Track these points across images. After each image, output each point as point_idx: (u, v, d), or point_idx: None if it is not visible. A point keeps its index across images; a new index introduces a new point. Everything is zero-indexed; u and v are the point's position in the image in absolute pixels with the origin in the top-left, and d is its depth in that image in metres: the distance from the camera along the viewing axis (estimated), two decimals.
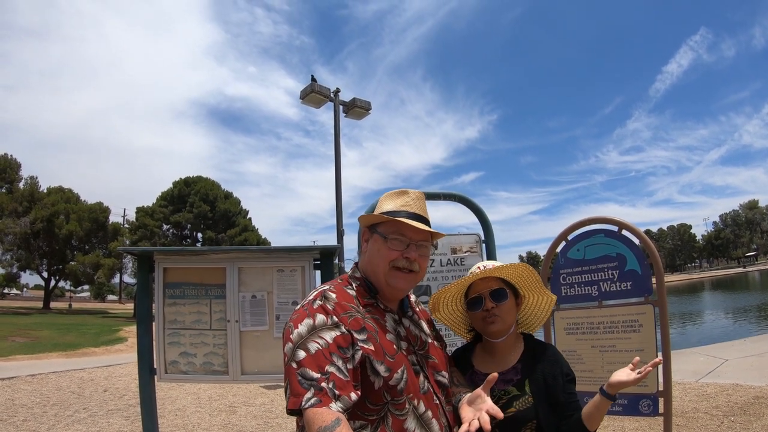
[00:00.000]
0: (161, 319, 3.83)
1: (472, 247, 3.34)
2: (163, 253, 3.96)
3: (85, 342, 18.20)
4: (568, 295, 3.39)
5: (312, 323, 1.31)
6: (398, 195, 1.58)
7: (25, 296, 78.36)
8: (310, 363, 1.24)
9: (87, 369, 11.60)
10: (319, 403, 1.19)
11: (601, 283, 3.26)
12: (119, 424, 6.45)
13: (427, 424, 1.40)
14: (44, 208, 43.67)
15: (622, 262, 3.20)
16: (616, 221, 3.26)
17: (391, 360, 1.37)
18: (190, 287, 3.88)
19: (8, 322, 25.80)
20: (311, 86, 12.10)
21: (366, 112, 13.25)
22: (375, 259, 1.53)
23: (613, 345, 3.17)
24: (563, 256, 3.44)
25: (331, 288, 1.45)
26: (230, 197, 45.06)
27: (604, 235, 3.29)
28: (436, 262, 3.24)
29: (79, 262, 45.82)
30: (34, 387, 9.03)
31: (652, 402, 3.02)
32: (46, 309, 45.08)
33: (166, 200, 43.10)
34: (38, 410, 7.23)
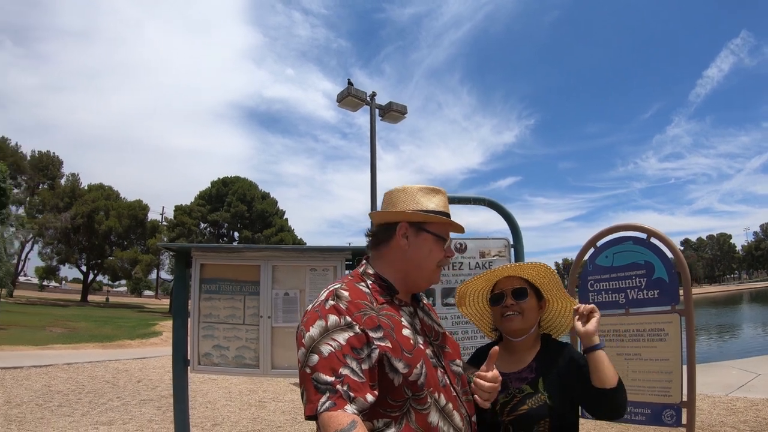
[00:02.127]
0: (197, 312, 3.98)
1: (500, 251, 3.37)
2: (200, 250, 4.11)
3: (121, 334, 18.71)
4: (596, 302, 3.37)
5: (324, 325, 1.28)
6: (435, 193, 1.55)
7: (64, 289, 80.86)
8: (324, 366, 1.22)
9: (122, 360, 11.96)
10: (334, 407, 1.17)
11: (628, 291, 3.26)
12: (150, 413, 6.67)
13: (449, 416, 1.40)
14: (85, 204, 45.11)
15: (650, 269, 3.19)
16: (644, 228, 3.25)
17: (409, 356, 1.35)
18: (226, 283, 4.02)
19: (47, 313, 26.76)
20: (348, 90, 12.28)
21: (402, 115, 13.34)
22: (425, 259, 1.50)
23: (638, 353, 3.15)
24: (592, 263, 3.45)
25: (343, 286, 1.40)
26: (267, 198, 45.76)
27: (633, 242, 3.28)
28: (464, 265, 3.29)
29: (117, 258, 47.20)
30: (70, 375, 9.38)
31: (676, 413, 2.99)
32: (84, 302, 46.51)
33: (204, 199, 44.05)
34: (73, 397, 7.53)
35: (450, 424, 1.39)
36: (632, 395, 3.09)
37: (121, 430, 5.75)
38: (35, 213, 44.63)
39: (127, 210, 47.39)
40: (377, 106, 12.90)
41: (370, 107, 12.75)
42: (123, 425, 5.97)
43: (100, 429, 5.75)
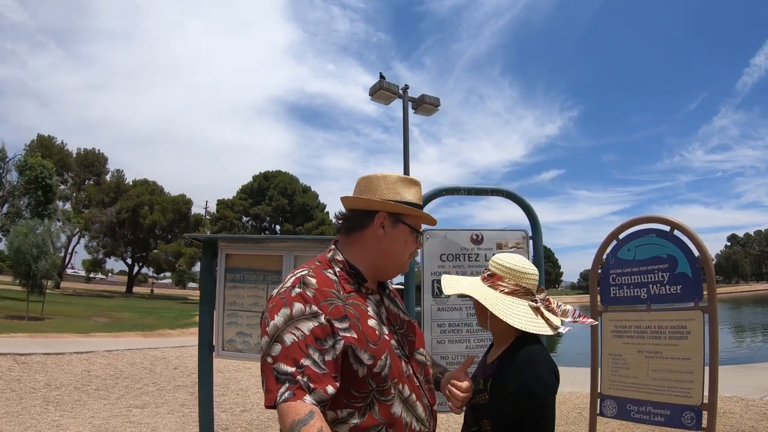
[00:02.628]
0: (221, 300, 4.10)
1: (518, 242, 3.33)
2: (226, 241, 4.23)
3: (163, 324, 19.25)
4: (617, 297, 3.32)
5: (289, 313, 1.26)
6: (412, 184, 1.54)
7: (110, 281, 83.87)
8: (286, 357, 1.21)
9: (161, 348, 12.30)
10: (293, 397, 1.17)
11: (650, 286, 3.17)
12: (183, 398, 6.90)
13: (412, 406, 1.41)
14: (129, 199, 46.61)
15: (672, 264, 3.09)
16: (668, 220, 3.15)
17: (374, 347, 1.33)
18: (250, 272, 4.13)
19: (93, 304, 27.83)
20: (380, 83, 12.33)
21: (435, 108, 13.29)
22: (400, 249, 1.51)
23: (659, 351, 3.06)
24: (613, 256, 3.37)
25: (310, 273, 1.37)
26: (308, 191, 46.35)
27: (656, 235, 3.19)
28: (480, 256, 3.26)
29: (161, 250, 48.65)
30: (110, 361, 9.75)
31: (696, 415, 2.87)
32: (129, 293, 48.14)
33: (246, 193, 44.97)
34: (111, 382, 7.84)
35: (413, 415, 1.40)
36: (652, 395, 3.05)
37: (154, 413, 5.97)
38: (81, 208, 46.44)
39: (171, 204, 48.77)
40: (410, 99, 12.88)
41: (403, 100, 12.74)
42: (156, 408, 6.20)
43: (133, 411, 5.98)
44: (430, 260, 3.23)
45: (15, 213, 25.67)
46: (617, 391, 3.22)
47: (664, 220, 3.18)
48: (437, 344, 3.14)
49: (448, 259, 3.24)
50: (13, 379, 7.43)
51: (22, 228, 17.03)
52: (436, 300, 3.19)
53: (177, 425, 5.47)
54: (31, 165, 25.84)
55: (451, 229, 3.29)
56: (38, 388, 6.93)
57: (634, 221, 3.32)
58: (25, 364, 8.57)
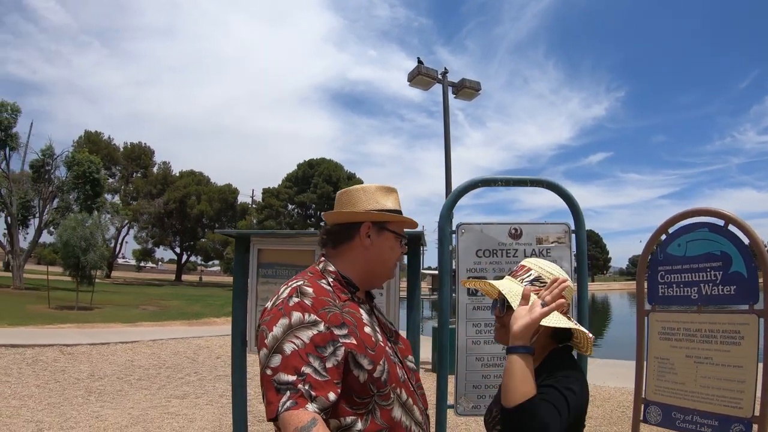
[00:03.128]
0: (254, 295, 4.09)
1: (560, 237, 3.15)
2: (258, 236, 4.22)
3: (209, 312, 19.65)
4: (666, 296, 3.10)
5: (288, 322, 1.27)
6: (390, 192, 1.59)
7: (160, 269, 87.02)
8: (286, 366, 1.21)
9: (205, 337, 12.55)
10: (294, 406, 1.17)
11: (702, 285, 2.93)
12: (223, 388, 6.99)
13: (410, 410, 1.43)
14: (176, 190, 48.08)
15: (726, 262, 2.84)
16: (722, 214, 2.89)
17: (372, 353, 1.35)
18: (282, 267, 4.11)
19: (142, 293, 28.85)
20: (418, 68, 12.18)
21: (476, 92, 13.04)
22: (387, 256, 1.54)
23: (709, 357, 2.83)
24: (662, 252, 3.14)
25: (306, 283, 1.39)
26: (353, 178, 46.77)
27: (709, 229, 2.93)
28: (519, 252, 3.10)
29: (209, 239, 50.09)
30: (153, 351, 10.01)
31: (745, 428, 2.65)
32: (178, 281, 49.87)
33: (290, 181, 45.68)
34: (153, 371, 8.04)
35: (411, 418, 1.43)
36: (700, 404, 2.83)
37: (192, 403, 6.08)
38: (130, 200, 48.16)
39: (217, 194, 50.10)
40: (450, 84, 12.65)
41: (443, 85, 12.53)
42: (195, 399, 6.32)
43: (172, 401, 6.11)
44: (466, 256, 3.09)
45: (65, 207, 26.67)
46: (663, 398, 3.02)
47: (718, 213, 2.93)
48: (472, 344, 3.01)
49: (485, 255, 3.10)
50: (58, 369, 7.69)
51: (70, 222, 17.70)
52: (471, 298, 3.06)
53: (214, 416, 5.55)
54: (79, 160, 26.70)
55: (488, 222, 3.14)
56: (82, 379, 7.15)
57: (685, 214, 3.07)
58: (71, 355, 8.88)
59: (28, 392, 6.14)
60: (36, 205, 27.28)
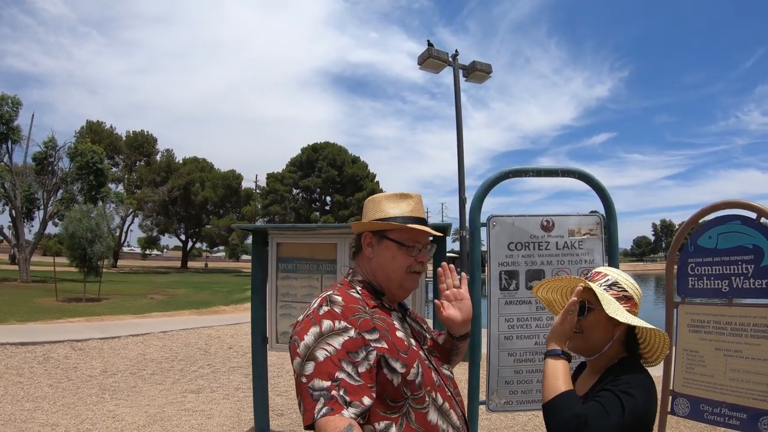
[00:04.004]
0: (274, 292, 4.07)
1: (591, 229, 3.10)
2: (277, 230, 4.17)
3: (217, 300, 19.66)
4: (696, 288, 3.07)
5: (319, 330, 1.28)
6: (402, 199, 1.57)
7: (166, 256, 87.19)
8: (320, 372, 1.22)
9: (215, 327, 12.52)
10: (331, 412, 1.17)
11: (732, 278, 2.90)
12: (238, 381, 7.00)
13: (446, 414, 1.42)
14: (180, 177, 48.07)
15: (758, 255, 2.80)
16: (755, 207, 2.83)
17: (405, 356, 1.36)
18: (302, 262, 4.06)
19: (149, 281, 28.92)
20: (428, 51, 12.00)
21: (487, 75, 12.85)
22: (389, 265, 1.51)
23: (739, 350, 2.80)
24: (693, 244, 3.10)
25: (335, 292, 1.42)
26: (357, 161, 46.53)
27: (740, 222, 2.89)
28: (551, 245, 3.06)
29: (214, 226, 50.20)
30: (165, 343, 10.01)
31: None
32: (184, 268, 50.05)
33: (295, 166, 45.53)
34: (166, 365, 8.02)
35: (448, 422, 1.42)
36: (728, 396, 2.82)
37: (208, 398, 6.06)
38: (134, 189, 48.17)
39: (221, 180, 50.11)
40: (460, 66, 12.46)
41: (453, 68, 12.35)
42: (210, 393, 6.30)
43: (188, 397, 6.09)
44: (498, 249, 3.04)
45: (69, 198, 26.63)
46: (691, 390, 3.00)
47: (750, 206, 2.88)
48: (504, 340, 2.98)
49: (517, 248, 3.05)
50: (71, 367, 7.64)
51: (76, 213, 17.63)
52: (504, 293, 3.02)
53: (232, 411, 5.53)
54: (82, 151, 26.60)
55: (519, 215, 3.10)
56: (95, 375, 7.12)
57: (716, 206, 3.02)
58: (82, 351, 8.84)
59: (41, 393, 6.10)
60: (40, 197, 27.23)
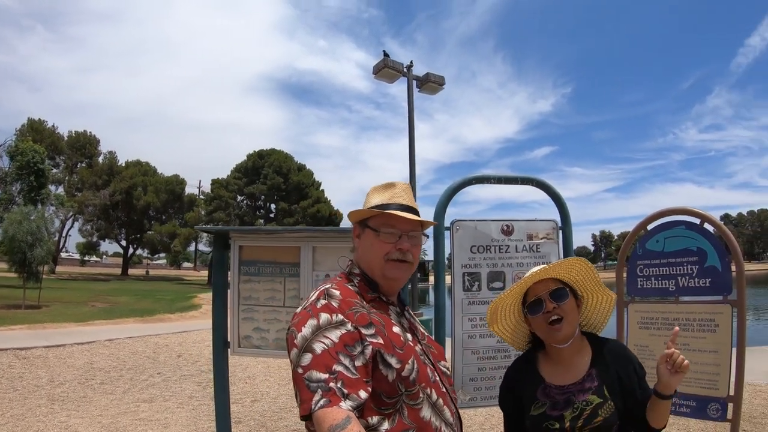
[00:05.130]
0: (236, 295, 4.01)
1: (548, 233, 3.27)
2: (238, 232, 4.13)
3: (161, 308, 19.07)
4: (644, 288, 3.29)
5: (316, 323, 1.29)
6: (385, 188, 1.60)
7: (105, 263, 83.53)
8: (317, 364, 1.23)
9: (162, 335, 12.21)
10: (328, 404, 1.17)
11: (679, 278, 3.14)
12: (191, 389, 6.84)
13: (440, 411, 1.42)
14: (123, 181, 46.26)
15: (702, 257, 3.06)
16: (698, 213, 3.11)
17: (400, 352, 1.37)
18: (265, 265, 4.03)
19: (88, 288, 27.67)
20: (384, 61, 12.15)
21: (440, 87, 13.13)
22: (368, 253, 1.53)
23: (687, 344, 3.02)
24: (641, 247, 3.33)
25: (333, 286, 1.43)
26: (303, 169, 46.08)
27: (685, 227, 3.14)
28: (511, 248, 3.20)
29: (156, 232, 48.55)
30: (112, 351, 9.65)
31: (721, 407, 2.91)
32: (125, 276, 48.14)
33: (240, 172, 44.63)
34: (115, 374, 7.75)
35: (441, 419, 1.42)
36: (679, 386, 3.01)
37: (162, 407, 5.90)
38: (74, 191, 46.02)
39: (164, 185, 48.57)
40: (414, 78, 12.71)
41: (408, 78, 12.58)
42: (164, 402, 6.14)
43: (142, 406, 5.90)
44: (461, 252, 3.16)
45: (8, 200, 25.34)
46: None
47: (694, 213, 3.14)
48: (468, 339, 3.09)
49: (479, 251, 3.17)
50: (16, 376, 7.28)
51: (16, 215, 16.73)
52: (467, 294, 3.13)
53: (188, 420, 5.42)
54: (23, 150, 25.42)
55: (482, 220, 3.22)
56: (42, 385, 6.80)
57: (663, 212, 3.27)
58: (27, 360, 8.44)
59: None
60: None
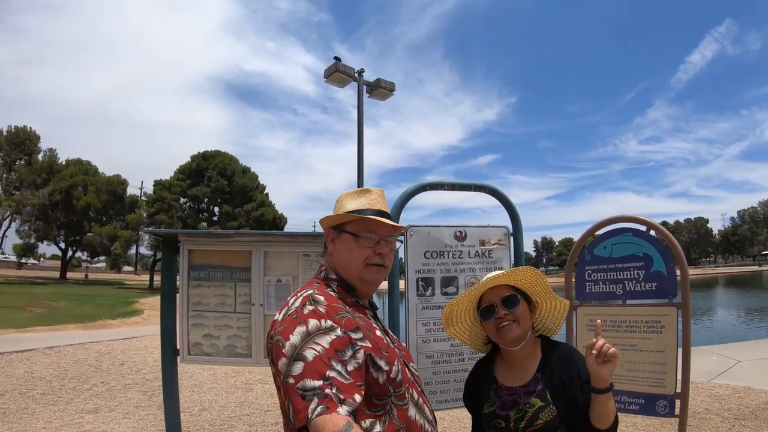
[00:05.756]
0: (185, 300, 3.88)
1: (500, 239, 3.32)
2: (188, 236, 4.00)
3: (102, 314, 18.43)
4: (593, 292, 3.39)
5: (305, 330, 1.26)
6: (361, 194, 1.61)
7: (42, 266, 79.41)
8: (310, 372, 1.19)
9: (104, 342, 11.78)
10: (326, 411, 1.14)
11: (626, 282, 3.26)
12: (137, 398, 6.57)
13: (421, 409, 1.46)
14: (62, 180, 44.22)
15: (648, 262, 3.18)
16: (644, 221, 3.24)
17: (386, 354, 1.38)
18: (215, 270, 3.92)
19: (26, 292, 26.29)
20: (335, 66, 12.10)
21: (390, 92, 13.19)
22: (346, 258, 1.53)
23: (634, 344, 3.17)
24: (590, 253, 3.43)
25: (316, 291, 1.41)
26: (248, 172, 45.48)
27: (632, 234, 3.27)
28: (464, 254, 3.23)
29: (96, 234, 46.61)
30: (52, 360, 9.21)
31: (669, 403, 3.05)
32: (63, 279, 45.90)
33: (183, 174, 43.57)
34: (57, 383, 7.38)
35: (424, 417, 1.46)
36: (627, 385, 3.17)
37: (108, 418, 5.64)
38: (12, 190, 43.73)
39: (105, 185, 46.64)
40: (365, 83, 12.72)
41: (358, 84, 12.58)
42: (109, 413, 5.87)
43: (86, 418, 5.63)
44: (414, 257, 3.16)
45: None
46: None
47: (640, 221, 3.26)
48: (422, 343, 3.09)
49: (432, 257, 3.19)
50: None
51: None
52: (420, 298, 3.13)
53: (135, 431, 5.20)
54: None
55: (435, 225, 3.24)
56: None
57: (610, 220, 3.38)
58: None
59: None
60: None
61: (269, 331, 1.36)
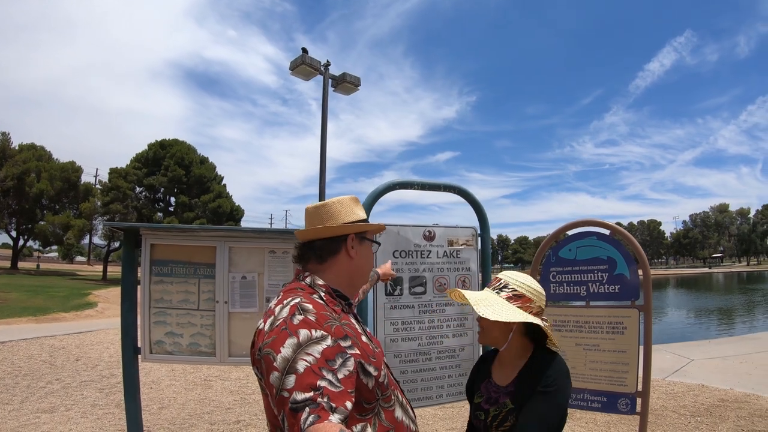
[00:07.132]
0: (147, 297, 3.77)
1: (468, 240, 3.36)
2: (150, 229, 3.89)
3: (55, 306, 17.96)
4: (557, 293, 3.47)
5: (296, 341, 1.25)
6: (358, 202, 1.67)
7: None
8: (302, 384, 1.19)
9: (58, 336, 11.43)
10: (318, 419, 1.13)
11: (589, 284, 3.34)
12: (94, 396, 6.37)
13: (405, 410, 1.52)
14: (15, 166, 42.47)
15: (612, 265, 3.27)
16: (608, 225, 3.34)
17: (374, 360, 1.41)
18: (179, 265, 3.82)
19: None
20: (302, 58, 11.96)
21: (355, 88, 13.12)
22: (367, 264, 1.64)
23: (597, 344, 3.27)
24: (555, 255, 3.50)
25: (303, 300, 1.40)
26: (206, 162, 44.75)
27: (596, 237, 3.35)
28: (432, 254, 3.25)
29: (48, 222, 44.92)
30: (5, 355, 8.88)
31: (630, 401, 3.15)
32: (14, 269, 44.11)
33: (140, 162, 42.51)
34: (10, 381, 7.11)
35: (408, 417, 1.52)
36: (590, 384, 3.25)
37: (65, 417, 5.44)
38: None
39: (59, 172, 44.95)
40: (330, 77, 12.63)
41: (324, 77, 12.47)
42: (66, 412, 5.66)
43: (42, 417, 5.41)
44: (383, 257, 3.16)
45: None
46: None
47: (604, 225, 3.35)
48: (390, 342, 3.10)
49: (401, 256, 3.19)
50: None
51: None
52: (389, 298, 3.14)
53: (94, 430, 5.02)
54: None
55: (404, 225, 3.24)
56: None
57: (575, 223, 3.46)
58: None
59: None
60: None
61: (255, 341, 1.35)
